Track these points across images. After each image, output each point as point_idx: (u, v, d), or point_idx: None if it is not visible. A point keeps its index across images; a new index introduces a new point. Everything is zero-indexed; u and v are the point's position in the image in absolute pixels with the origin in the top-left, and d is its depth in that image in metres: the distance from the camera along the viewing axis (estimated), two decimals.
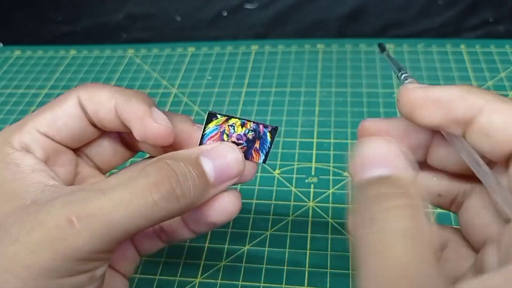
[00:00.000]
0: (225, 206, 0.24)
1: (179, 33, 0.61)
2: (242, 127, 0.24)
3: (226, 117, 0.24)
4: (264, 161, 0.25)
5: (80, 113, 0.24)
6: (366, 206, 0.17)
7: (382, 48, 0.26)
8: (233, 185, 0.24)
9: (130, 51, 0.58)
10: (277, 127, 0.24)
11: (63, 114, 0.24)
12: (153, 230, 0.27)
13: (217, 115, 0.24)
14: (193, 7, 0.64)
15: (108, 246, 0.20)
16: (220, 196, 0.24)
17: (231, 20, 0.62)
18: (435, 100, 0.20)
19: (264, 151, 0.25)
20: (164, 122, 0.23)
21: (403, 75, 0.23)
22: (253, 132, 0.24)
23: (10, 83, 0.55)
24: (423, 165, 0.23)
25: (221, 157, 0.23)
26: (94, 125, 0.25)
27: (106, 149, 0.27)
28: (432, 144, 0.22)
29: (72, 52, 0.59)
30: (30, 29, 0.65)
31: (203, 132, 0.24)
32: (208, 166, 0.22)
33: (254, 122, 0.24)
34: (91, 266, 0.20)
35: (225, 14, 0.62)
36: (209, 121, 0.24)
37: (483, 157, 0.19)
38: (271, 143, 0.25)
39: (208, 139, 0.24)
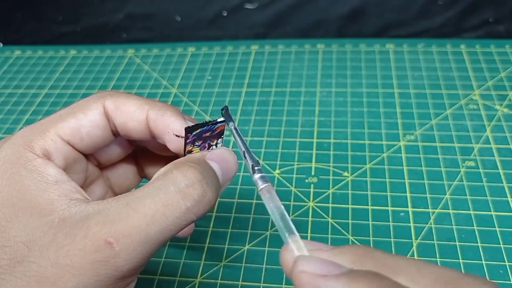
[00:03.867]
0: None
1: (179, 33, 0.61)
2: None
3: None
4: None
5: (105, 123, 0.24)
6: None
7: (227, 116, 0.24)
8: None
9: (130, 51, 0.58)
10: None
11: (88, 124, 0.24)
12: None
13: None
14: (193, 7, 0.64)
15: (145, 260, 0.21)
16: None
17: (231, 20, 0.62)
18: None
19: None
20: None
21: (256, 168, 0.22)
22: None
23: (10, 83, 0.55)
24: None
25: (223, 159, 0.23)
26: (114, 133, 0.25)
27: (124, 173, 0.29)
28: None
29: (72, 52, 0.59)
30: (30, 29, 0.65)
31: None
32: (217, 168, 0.23)
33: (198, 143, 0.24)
34: (129, 281, 0.21)
35: (225, 14, 0.62)
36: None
37: None
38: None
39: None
